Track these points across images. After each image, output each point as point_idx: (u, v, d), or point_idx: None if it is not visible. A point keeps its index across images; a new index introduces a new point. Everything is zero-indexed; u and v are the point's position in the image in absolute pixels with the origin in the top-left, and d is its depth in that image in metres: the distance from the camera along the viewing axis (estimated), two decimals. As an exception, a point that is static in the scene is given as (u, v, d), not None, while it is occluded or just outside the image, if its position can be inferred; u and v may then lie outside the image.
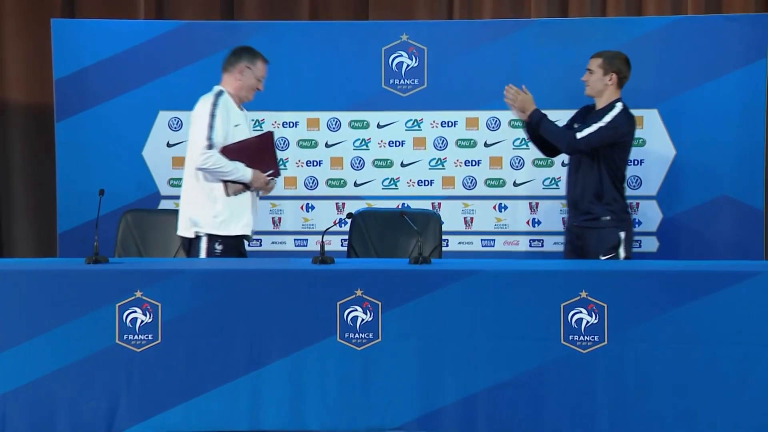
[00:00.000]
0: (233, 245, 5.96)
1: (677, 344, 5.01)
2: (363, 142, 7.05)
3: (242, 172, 5.86)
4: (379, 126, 7.04)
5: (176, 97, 7.01)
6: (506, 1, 7.95)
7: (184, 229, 5.99)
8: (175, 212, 6.58)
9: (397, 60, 7.00)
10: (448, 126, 7.03)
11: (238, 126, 5.94)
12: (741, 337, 4.99)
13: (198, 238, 5.94)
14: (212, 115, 5.88)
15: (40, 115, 7.93)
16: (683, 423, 5.03)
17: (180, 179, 7.05)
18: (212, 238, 5.92)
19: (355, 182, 7.06)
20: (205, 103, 5.93)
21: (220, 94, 5.96)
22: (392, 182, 7.04)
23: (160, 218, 6.42)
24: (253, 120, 7.02)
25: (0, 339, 5.13)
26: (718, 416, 5.00)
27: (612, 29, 6.96)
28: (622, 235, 6.08)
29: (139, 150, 7.05)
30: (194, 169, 5.92)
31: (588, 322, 5.05)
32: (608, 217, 6.08)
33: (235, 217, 5.94)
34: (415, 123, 7.02)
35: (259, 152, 5.93)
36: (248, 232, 5.99)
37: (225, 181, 5.89)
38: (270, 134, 6.03)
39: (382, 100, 6.99)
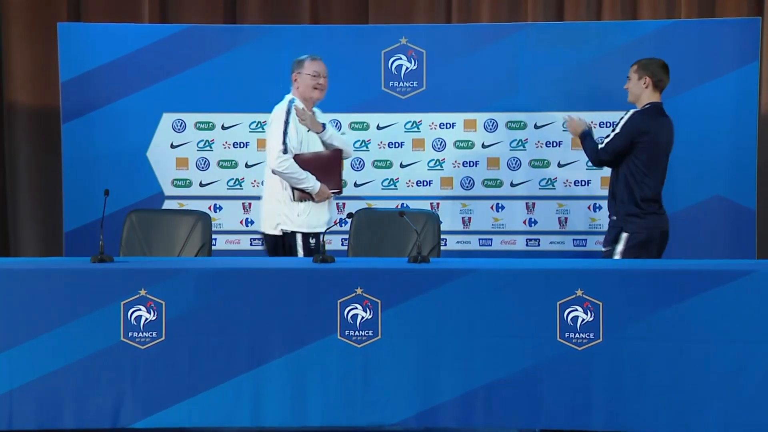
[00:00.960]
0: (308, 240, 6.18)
1: (671, 342, 5.01)
2: (363, 144, 7.05)
3: (312, 183, 6.10)
4: (378, 127, 7.04)
5: (180, 99, 7.01)
6: (503, 5, 7.95)
7: (269, 227, 6.21)
8: (179, 212, 6.59)
9: (396, 63, 7.00)
10: (446, 128, 7.03)
11: (310, 132, 6.16)
12: (734, 335, 4.99)
13: (293, 234, 6.17)
14: (286, 122, 6.09)
15: (46, 116, 7.93)
16: (678, 419, 5.03)
17: (184, 179, 7.07)
18: (305, 235, 6.14)
19: (355, 182, 7.06)
20: (279, 110, 6.15)
21: (291, 101, 6.20)
22: (392, 183, 7.03)
23: (164, 218, 6.41)
24: (253, 122, 7.02)
25: (7, 336, 5.14)
26: (713, 413, 5.00)
27: (607, 33, 6.96)
28: (624, 235, 6.08)
29: (144, 151, 7.05)
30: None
31: (584, 319, 5.05)
32: (614, 217, 6.09)
33: (315, 215, 6.15)
34: (414, 125, 7.01)
35: (327, 167, 6.14)
36: (321, 230, 6.11)
37: (294, 187, 6.11)
38: (339, 152, 6.19)
39: (381, 102, 6.99)
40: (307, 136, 6.13)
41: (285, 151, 6.06)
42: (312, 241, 6.15)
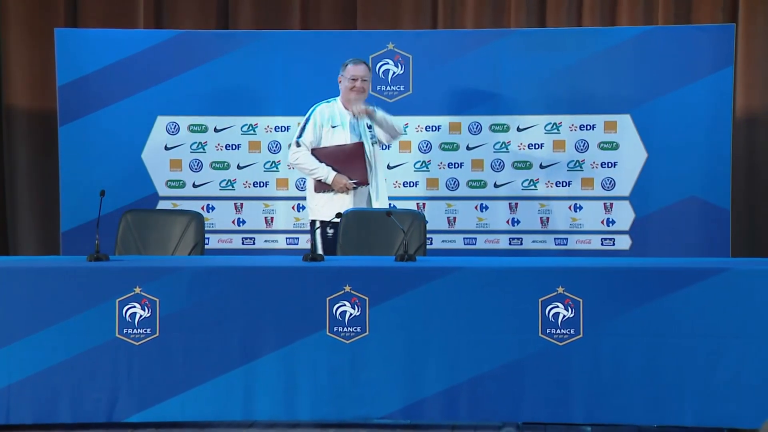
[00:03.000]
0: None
1: (649, 337, 5.02)
2: (351, 146, 7.04)
3: (325, 173, 6.28)
4: (366, 130, 7.04)
5: (174, 103, 7.00)
6: (487, 11, 7.96)
7: (312, 214, 6.51)
8: (173, 212, 6.58)
9: (383, 67, 7.00)
10: (432, 130, 7.03)
11: (336, 127, 6.34)
12: (709, 330, 5.00)
13: (312, 223, 6.47)
14: (307, 119, 6.37)
15: (44, 119, 7.92)
16: (655, 411, 5.04)
17: (177, 180, 7.06)
18: (323, 224, 6.34)
19: (343, 183, 7.05)
20: (309, 111, 6.43)
21: (328, 100, 6.44)
22: (379, 183, 7.03)
23: (158, 218, 6.40)
24: (245, 125, 7.01)
25: (5, 333, 5.13)
26: (688, 405, 5.01)
27: (587, 39, 6.97)
28: None
29: (139, 153, 7.03)
30: None
31: (564, 316, 5.05)
32: None
33: (333, 205, 6.29)
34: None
35: (349, 159, 6.28)
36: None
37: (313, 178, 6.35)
38: (360, 144, 6.28)
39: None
40: (329, 131, 6.29)
41: (297, 145, 6.30)
42: (330, 231, 6.26)
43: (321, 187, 6.33)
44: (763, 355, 4.97)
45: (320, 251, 6.18)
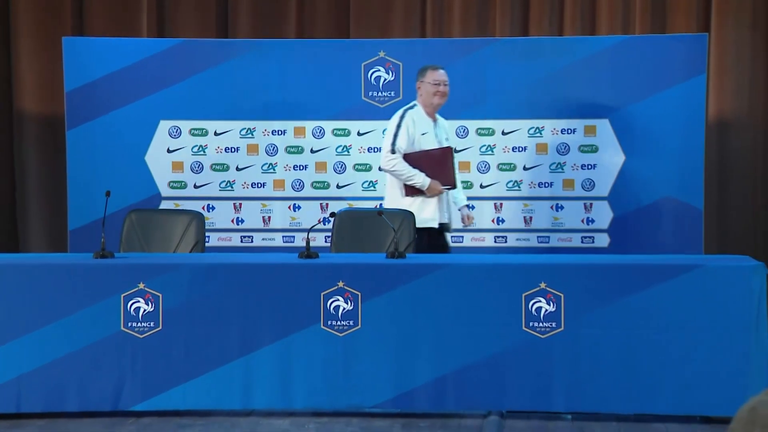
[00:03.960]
0: (429, 236, 6.15)
1: (626, 329, 5.03)
2: (345, 149, 7.04)
3: (421, 179, 6.14)
4: (359, 134, 7.04)
5: (176, 108, 6.99)
6: (473, 21, 7.96)
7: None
8: (175, 211, 6.57)
9: (375, 74, 7.00)
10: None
11: (426, 134, 6.20)
12: (683, 323, 5.01)
13: None
14: (398, 125, 6.19)
15: (52, 123, 7.90)
16: (632, 400, 5.06)
17: (179, 182, 7.05)
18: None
19: (337, 184, 7.05)
20: (395, 115, 6.25)
21: (411, 107, 6.28)
22: (371, 184, 7.03)
23: (161, 217, 6.40)
24: (243, 129, 7.00)
25: (16, 326, 5.12)
26: (662, 394, 5.03)
27: (568, 47, 6.98)
28: None
29: (142, 155, 7.02)
30: None
31: (546, 310, 5.06)
32: None
33: (421, 210, 6.14)
34: (392, 131, 7.01)
35: (438, 163, 6.17)
36: (433, 225, 6.16)
37: (404, 184, 6.18)
38: (448, 149, 6.21)
39: (361, 111, 6.99)
40: (420, 137, 6.19)
41: (393, 152, 6.17)
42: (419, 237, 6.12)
43: (411, 192, 6.19)
44: (735, 346, 4.99)
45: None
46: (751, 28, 7.74)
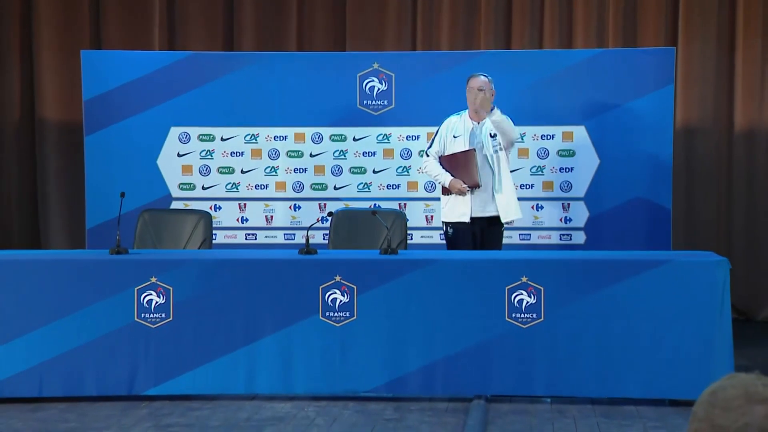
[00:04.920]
0: (458, 230, 6.14)
1: (601, 320, 5.04)
2: (341, 153, 7.03)
3: (443, 178, 6.16)
4: (354, 139, 7.03)
5: (185, 115, 6.97)
6: (460, 35, 7.96)
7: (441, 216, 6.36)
8: (185, 211, 6.56)
9: (369, 84, 6.99)
10: (412, 139, 7.02)
11: (457, 137, 6.19)
12: (653, 314, 5.02)
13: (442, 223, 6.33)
14: (437, 131, 6.29)
15: (71, 130, 7.88)
16: (606, 385, 5.06)
17: (188, 183, 7.03)
18: (445, 224, 6.25)
19: (334, 186, 7.04)
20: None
21: (459, 113, 6.28)
22: (366, 186, 7.02)
23: (171, 216, 6.39)
24: (248, 134, 6.99)
25: (38, 317, 5.11)
26: (634, 378, 5.04)
27: (547, 59, 6.98)
28: None
29: (154, 159, 7.00)
30: None
31: (528, 302, 5.06)
32: None
33: (452, 207, 6.16)
34: (385, 137, 7.00)
35: (463, 164, 6.13)
36: (465, 219, 6.11)
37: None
38: (471, 152, 6.14)
39: (357, 118, 6.98)
40: (452, 140, 6.18)
41: (427, 155, 6.28)
42: (450, 230, 6.18)
43: (444, 191, 6.22)
44: (700, 335, 5.00)
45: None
46: (715, 42, 7.76)
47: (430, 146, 6.30)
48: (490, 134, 6.16)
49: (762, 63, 7.73)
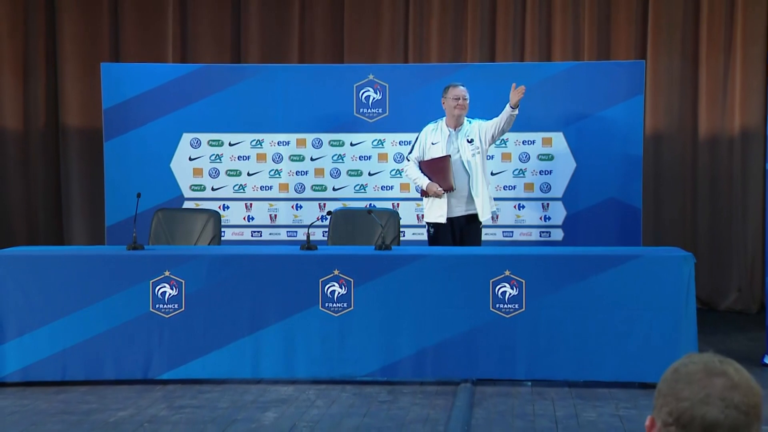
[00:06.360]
0: (438, 229, 6.07)
1: (577, 310, 5.03)
2: (339, 157, 7.00)
3: (420, 182, 6.10)
4: (351, 144, 7.00)
5: (196, 122, 6.95)
6: (448, 48, 7.96)
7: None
8: (196, 210, 6.54)
9: (365, 94, 6.96)
10: (404, 145, 6.99)
11: (435, 144, 6.12)
12: (625, 304, 5.01)
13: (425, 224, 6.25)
14: (417, 138, 6.23)
15: (92, 136, 7.87)
16: (581, 368, 5.06)
17: (199, 185, 7.01)
18: (428, 224, 6.17)
19: (333, 187, 7.02)
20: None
21: (436, 121, 6.21)
22: (362, 187, 7.00)
23: (183, 215, 6.37)
24: (254, 140, 6.97)
25: (61, 307, 5.10)
26: (608, 363, 5.03)
27: (528, 71, 6.96)
28: None
29: (168, 162, 6.98)
30: None
31: (510, 294, 5.05)
32: None
33: (432, 209, 6.10)
34: (379, 142, 6.98)
35: (438, 169, 6.08)
36: (442, 221, 6.05)
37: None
38: (446, 158, 6.09)
39: (353, 125, 6.95)
40: (430, 147, 6.12)
41: (408, 160, 6.22)
42: (431, 230, 6.12)
43: (423, 193, 6.17)
44: (667, 323, 4.99)
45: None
46: (680, 57, 7.77)
47: (410, 152, 6.26)
48: (468, 140, 6.16)
49: (723, 75, 7.73)
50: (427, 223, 6.20)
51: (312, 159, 7.02)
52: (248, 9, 8.07)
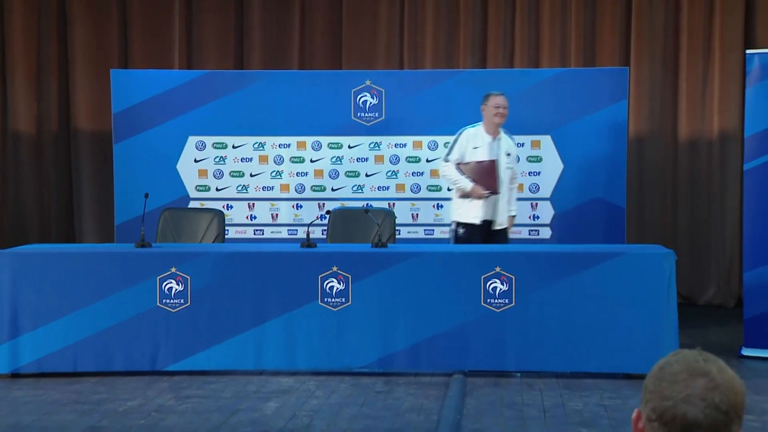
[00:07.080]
0: (469, 230, 5.98)
1: (565, 304, 5.04)
2: (338, 159, 7.00)
3: (463, 183, 5.96)
4: (349, 147, 7.00)
5: (201, 126, 6.94)
6: (442, 55, 7.96)
7: (453, 216, 6.16)
8: (201, 210, 6.53)
9: (362, 98, 6.96)
10: (399, 147, 7.00)
11: (477, 148, 6.00)
12: (610, 299, 5.02)
13: (452, 222, 6.12)
14: (455, 140, 6.06)
15: (102, 139, 7.86)
16: (568, 360, 5.07)
17: (204, 186, 7.00)
18: (457, 224, 6.04)
19: (332, 188, 7.01)
20: (458, 132, 6.10)
21: (474, 125, 6.10)
22: (359, 188, 7.00)
23: (189, 214, 6.36)
24: (256, 143, 6.96)
25: (73, 302, 5.09)
26: (592, 356, 5.04)
27: (517, 77, 6.96)
28: None
29: (174, 164, 6.97)
30: None
31: (501, 289, 5.05)
32: None
33: (467, 209, 6.00)
34: (376, 145, 6.98)
35: (484, 172, 5.97)
36: (476, 221, 5.97)
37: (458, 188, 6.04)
38: (493, 162, 6.00)
39: (351, 128, 6.95)
40: (471, 150, 6.00)
41: (446, 161, 6.04)
42: (461, 230, 6.00)
43: (462, 194, 6.03)
44: (650, 317, 5.00)
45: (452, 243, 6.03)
46: (661, 64, 7.78)
47: (449, 153, 6.08)
48: (506, 153, 6.09)
49: (702, 81, 7.74)
50: (456, 222, 6.07)
51: (312, 161, 7.02)
52: (251, 17, 8.08)
